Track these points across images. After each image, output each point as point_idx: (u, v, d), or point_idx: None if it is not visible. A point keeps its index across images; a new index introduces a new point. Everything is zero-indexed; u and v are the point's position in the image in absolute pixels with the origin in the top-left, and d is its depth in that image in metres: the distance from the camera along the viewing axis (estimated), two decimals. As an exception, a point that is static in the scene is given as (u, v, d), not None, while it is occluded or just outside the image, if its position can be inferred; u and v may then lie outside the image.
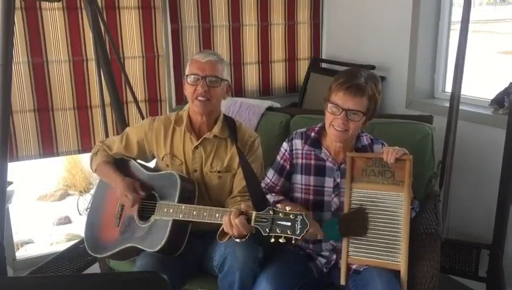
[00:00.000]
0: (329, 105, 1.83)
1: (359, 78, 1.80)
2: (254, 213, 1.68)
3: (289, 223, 1.60)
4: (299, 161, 1.97)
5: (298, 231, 1.59)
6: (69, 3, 2.86)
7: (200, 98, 1.95)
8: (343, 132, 1.82)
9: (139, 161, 2.18)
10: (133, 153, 2.13)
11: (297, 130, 2.02)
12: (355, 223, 1.82)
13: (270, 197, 1.97)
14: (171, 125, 2.08)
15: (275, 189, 2.01)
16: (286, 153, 2.00)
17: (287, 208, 1.63)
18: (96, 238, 2.10)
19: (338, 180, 1.92)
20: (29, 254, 3.46)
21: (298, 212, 1.61)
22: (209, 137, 2.03)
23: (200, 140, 2.03)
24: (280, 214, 1.63)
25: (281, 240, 1.61)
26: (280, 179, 2.01)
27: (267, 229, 1.63)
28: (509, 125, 2.25)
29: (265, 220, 1.64)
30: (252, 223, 1.67)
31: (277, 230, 1.61)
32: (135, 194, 1.97)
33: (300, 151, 1.97)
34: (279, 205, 1.68)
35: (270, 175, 2.03)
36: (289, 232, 1.60)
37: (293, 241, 1.62)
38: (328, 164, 1.93)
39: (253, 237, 1.75)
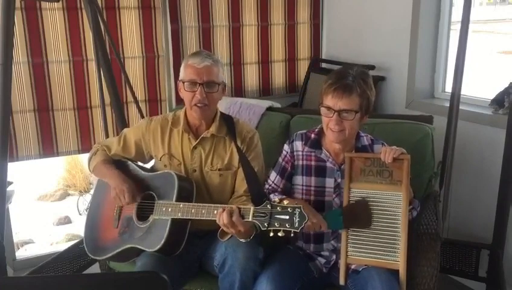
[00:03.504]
0: (322, 108, 1.85)
1: (347, 77, 1.81)
2: (252, 208, 1.68)
3: (287, 217, 1.61)
4: (300, 162, 1.97)
5: (297, 223, 1.59)
6: (69, 3, 2.86)
7: (199, 105, 1.95)
8: (340, 132, 1.83)
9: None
10: (131, 154, 2.12)
11: (298, 132, 2.02)
12: (359, 214, 1.82)
13: (273, 197, 1.96)
14: (168, 126, 2.07)
15: (277, 191, 2.01)
16: (287, 155, 2.00)
17: (285, 202, 1.63)
18: (96, 241, 2.10)
19: (339, 180, 1.92)
20: (29, 254, 3.46)
21: (296, 205, 1.61)
22: (207, 136, 2.03)
23: (198, 140, 2.02)
24: (278, 208, 1.63)
25: (279, 234, 1.61)
26: (282, 181, 2.01)
27: (265, 224, 1.63)
28: (509, 125, 2.25)
29: (263, 214, 1.65)
30: (250, 218, 1.67)
31: (275, 224, 1.62)
32: (131, 189, 1.95)
33: (301, 153, 1.98)
34: (276, 199, 1.68)
35: (272, 177, 2.03)
36: (288, 226, 1.60)
37: (292, 235, 1.62)
38: (328, 164, 1.94)
39: (253, 237, 1.75)
